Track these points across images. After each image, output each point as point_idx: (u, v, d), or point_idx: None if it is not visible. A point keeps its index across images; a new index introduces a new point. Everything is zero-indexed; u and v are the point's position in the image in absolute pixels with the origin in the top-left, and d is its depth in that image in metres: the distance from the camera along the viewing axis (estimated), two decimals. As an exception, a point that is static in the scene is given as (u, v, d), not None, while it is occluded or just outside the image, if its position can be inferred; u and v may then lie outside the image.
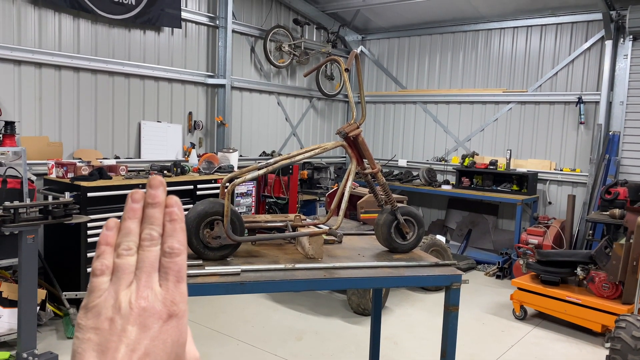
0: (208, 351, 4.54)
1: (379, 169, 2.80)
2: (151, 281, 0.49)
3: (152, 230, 0.51)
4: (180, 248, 0.51)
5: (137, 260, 0.50)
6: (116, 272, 0.50)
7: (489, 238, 8.23)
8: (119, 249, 0.50)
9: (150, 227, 0.51)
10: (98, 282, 0.49)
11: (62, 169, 5.23)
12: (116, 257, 0.50)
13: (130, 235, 0.51)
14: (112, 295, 0.49)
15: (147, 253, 0.50)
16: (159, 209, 0.52)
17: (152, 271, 0.50)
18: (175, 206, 0.52)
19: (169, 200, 0.52)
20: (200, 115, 7.38)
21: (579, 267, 5.28)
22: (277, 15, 8.42)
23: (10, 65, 5.35)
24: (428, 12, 8.55)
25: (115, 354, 0.46)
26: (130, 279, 0.49)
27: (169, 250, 0.51)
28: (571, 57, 7.59)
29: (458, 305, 2.52)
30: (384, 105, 9.66)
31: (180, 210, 0.53)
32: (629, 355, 3.80)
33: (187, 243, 0.53)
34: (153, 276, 0.50)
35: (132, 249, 0.50)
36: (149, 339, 0.47)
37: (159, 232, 0.51)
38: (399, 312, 5.69)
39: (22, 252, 3.83)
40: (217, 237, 2.42)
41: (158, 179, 0.53)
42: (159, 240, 0.51)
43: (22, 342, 3.88)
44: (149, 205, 0.52)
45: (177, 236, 0.51)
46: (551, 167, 7.78)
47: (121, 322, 0.47)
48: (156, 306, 0.48)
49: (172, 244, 0.51)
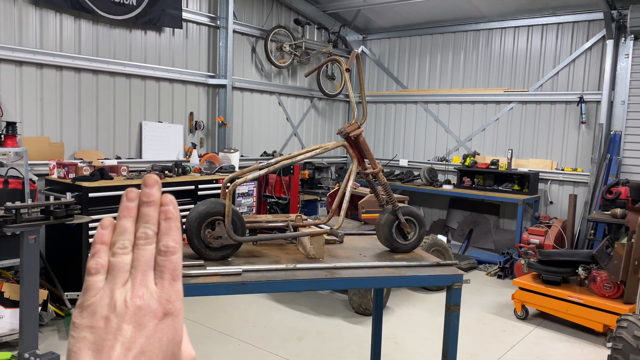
0: (209, 351, 4.55)
1: (380, 169, 2.80)
2: (146, 280, 0.49)
3: (147, 228, 0.51)
4: (176, 246, 0.51)
5: (133, 258, 0.50)
6: (111, 270, 0.50)
7: (491, 238, 8.22)
8: (114, 247, 0.50)
9: (146, 225, 0.51)
10: (93, 281, 0.49)
11: (63, 170, 5.24)
12: (111, 256, 0.50)
13: (125, 234, 0.51)
14: (107, 293, 0.48)
15: (143, 251, 0.50)
16: (154, 208, 0.52)
17: (148, 270, 0.50)
18: (170, 204, 0.52)
19: (164, 198, 0.52)
20: (202, 115, 7.39)
21: (581, 267, 5.28)
22: (278, 16, 8.42)
23: (11, 65, 5.35)
24: (429, 12, 8.55)
25: (111, 353, 0.46)
26: (125, 277, 0.49)
27: (164, 249, 0.50)
28: (572, 56, 7.59)
29: (459, 305, 2.52)
30: (385, 105, 9.65)
31: (175, 209, 0.52)
32: (630, 355, 3.79)
33: (188, 242, 0.53)
34: (148, 274, 0.50)
35: (127, 248, 0.50)
36: (144, 338, 0.47)
37: (154, 231, 0.51)
38: (401, 312, 5.68)
39: (24, 252, 3.84)
40: (218, 237, 2.42)
41: (153, 178, 0.52)
42: (154, 238, 0.51)
43: (23, 342, 3.88)
44: (144, 204, 0.52)
45: (173, 234, 0.51)
46: (552, 167, 7.77)
47: (116, 320, 0.47)
48: (152, 304, 0.48)
49: (167, 242, 0.51)
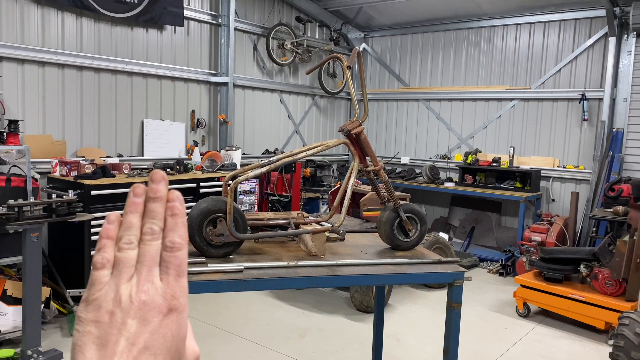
0: (211, 349, 4.56)
1: (381, 167, 2.80)
2: (152, 275, 0.50)
3: (154, 224, 0.51)
4: (182, 242, 0.51)
5: (138, 254, 0.50)
6: (117, 265, 0.50)
7: (492, 235, 8.22)
8: (120, 242, 0.51)
9: (152, 221, 0.51)
10: (99, 275, 0.50)
11: (65, 168, 5.25)
12: (117, 251, 0.50)
13: (131, 229, 0.51)
14: (112, 288, 0.49)
15: (148, 247, 0.50)
16: (160, 203, 0.52)
17: (153, 265, 0.50)
18: (176, 200, 0.52)
19: (170, 194, 0.53)
20: (203, 113, 7.39)
21: (583, 265, 5.27)
22: (280, 13, 8.42)
23: (13, 64, 5.36)
24: (430, 10, 8.54)
25: (115, 347, 0.46)
26: (131, 272, 0.49)
27: (170, 245, 0.51)
28: (574, 53, 7.57)
29: (461, 303, 2.52)
30: (386, 103, 9.65)
31: (181, 205, 0.53)
32: (632, 352, 3.79)
33: (189, 239, 0.53)
34: (154, 270, 0.50)
35: (134, 243, 0.51)
36: (148, 333, 0.47)
37: (160, 227, 0.51)
38: (402, 309, 5.69)
39: (26, 250, 3.85)
40: (220, 234, 2.42)
41: (160, 174, 0.53)
42: (160, 234, 0.51)
43: (26, 339, 3.90)
44: (150, 200, 0.52)
45: (179, 230, 0.51)
46: (554, 164, 7.76)
47: (121, 315, 0.47)
48: (156, 300, 0.49)
49: (173, 238, 0.51)
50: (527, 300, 5.55)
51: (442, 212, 9.02)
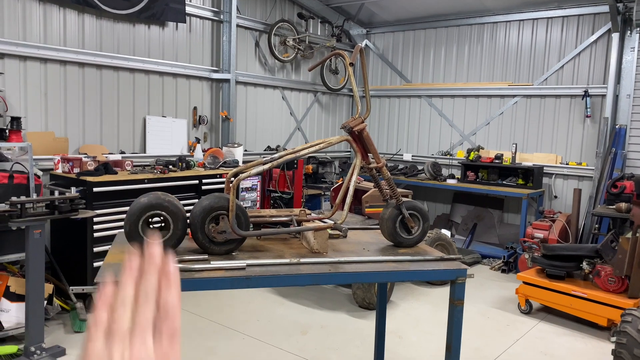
0: (214, 345, 4.57)
1: (383, 163, 2.80)
2: (145, 339, 0.51)
3: (148, 289, 0.54)
4: (175, 306, 0.54)
5: (133, 318, 0.52)
6: (111, 330, 0.52)
7: (494, 232, 8.21)
8: (114, 306, 0.53)
9: (146, 286, 0.54)
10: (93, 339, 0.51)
11: (68, 164, 5.25)
12: (111, 315, 0.52)
13: (126, 294, 0.53)
14: (106, 353, 0.50)
15: (142, 312, 0.52)
16: (154, 269, 0.55)
17: (147, 329, 0.52)
18: (170, 266, 0.55)
19: (164, 261, 0.55)
20: (205, 110, 7.39)
21: (585, 261, 5.26)
22: (282, 10, 8.40)
23: (15, 60, 5.36)
24: (433, 6, 8.51)
25: None
26: (124, 336, 0.51)
27: (163, 309, 0.53)
28: (577, 50, 7.54)
29: (463, 300, 2.52)
30: (388, 99, 9.63)
31: (175, 271, 0.56)
32: (634, 349, 3.79)
33: (192, 237, 0.54)
34: (147, 334, 0.52)
35: (128, 308, 0.53)
36: None
37: (154, 292, 0.54)
38: (404, 306, 5.69)
39: (29, 246, 3.86)
40: (222, 231, 2.42)
41: (154, 244, 0.56)
42: (154, 299, 0.53)
43: (29, 336, 3.92)
44: (145, 266, 0.55)
45: (172, 296, 0.54)
46: (557, 161, 7.75)
47: None
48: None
49: (167, 302, 0.53)
50: (530, 297, 5.55)
51: (445, 209, 9.02)
